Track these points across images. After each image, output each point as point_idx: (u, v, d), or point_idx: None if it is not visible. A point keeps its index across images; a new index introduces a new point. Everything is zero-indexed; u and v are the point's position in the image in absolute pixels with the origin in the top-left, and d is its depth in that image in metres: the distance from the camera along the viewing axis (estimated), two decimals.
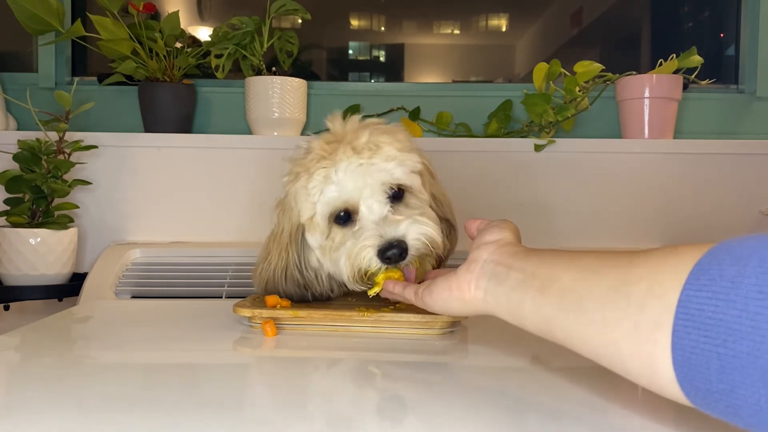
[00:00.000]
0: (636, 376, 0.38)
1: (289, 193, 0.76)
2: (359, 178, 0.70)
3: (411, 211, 0.73)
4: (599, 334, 0.40)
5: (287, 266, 0.77)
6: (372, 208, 0.71)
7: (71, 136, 1.17)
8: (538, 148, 1.31)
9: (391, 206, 0.72)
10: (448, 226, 0.81)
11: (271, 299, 0.74)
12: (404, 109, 1.48)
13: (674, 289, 0.36)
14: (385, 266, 0.69)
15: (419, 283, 0.65)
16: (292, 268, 0.77)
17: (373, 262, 0.69)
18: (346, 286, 0.76)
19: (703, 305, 0.34)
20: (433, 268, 0.76)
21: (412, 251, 0.69)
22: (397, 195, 0.73)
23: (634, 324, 0.37)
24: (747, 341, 0.31)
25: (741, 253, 0.34)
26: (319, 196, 0.71)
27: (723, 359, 0.32)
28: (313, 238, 0.75)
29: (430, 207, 0.77)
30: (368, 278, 0.71)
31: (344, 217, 0.73)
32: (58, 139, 1.13)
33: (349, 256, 0.70)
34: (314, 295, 0.78)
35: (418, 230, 0.69)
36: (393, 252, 0.68)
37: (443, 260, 0.81)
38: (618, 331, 0.38)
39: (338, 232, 0.73)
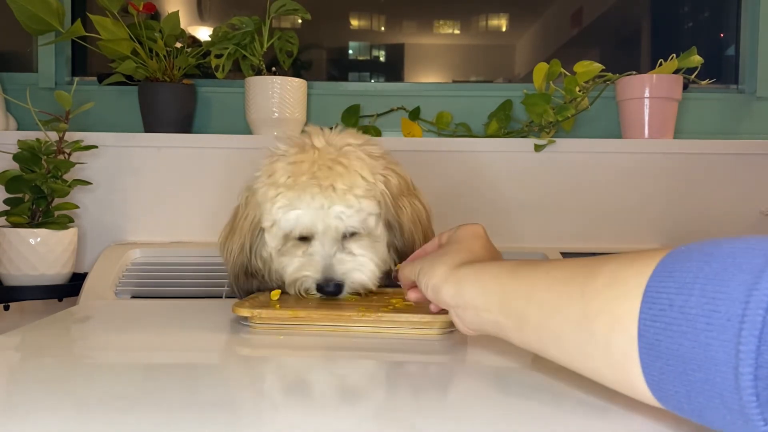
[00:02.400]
0: (626, 395, 0.41)
1: (259, 191, 0.81)
2: (317, 218, 0.77)
3: (360, 251, 0.79)
4: (583, 365, 0.43)
5: (242, 249, 0.84)
6: (324, 244, 0.78)
7: (71, 136, 1.17)
8: (538, 148, 1.31)
9: (344, 242, 0.79)
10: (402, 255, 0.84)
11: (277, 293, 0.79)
12: (404, 109, 1.48)
13: (632, 321, 0.37)
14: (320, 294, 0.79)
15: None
16: (246, 252, 0.84)
17: (311, 291, 0.79)
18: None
19: (659, 336, 0.35)
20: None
21: (346, 291, 0.79)
22: (351, 234, 0.79)
23: (606, 357, 0.39)
24: (702, 372, 0.33)
25: (684, 280, 0.35)
26: (280, 217, 0.78)
27: (687, 386, 0.34)
28: (270, 239, 0.82)
29: (388, 240, 0.83)
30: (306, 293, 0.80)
31: (300, 236, 0.79)
32: (58, 139, 1.13)
33: (292, 274, 0.80)
34: (258, 286, 0.85)
35: (355, 276, 0.78)
36: (329, 290, 0.78)
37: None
38: (596, 362, 0.41)
39: (293, 242, 0.80)
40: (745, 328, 0.31)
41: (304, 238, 0.79)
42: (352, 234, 0.79)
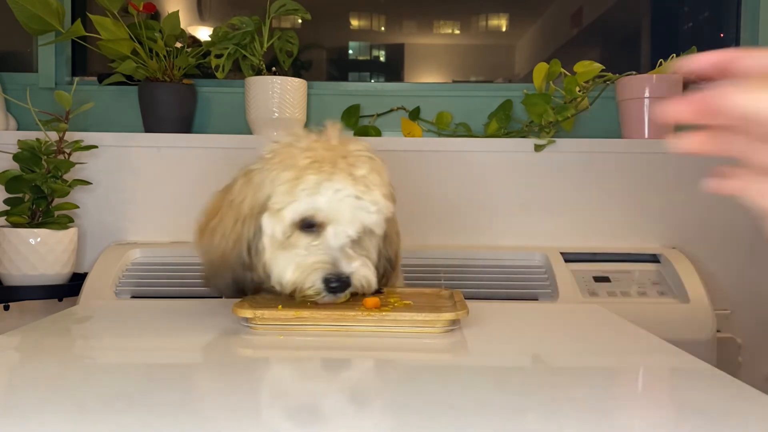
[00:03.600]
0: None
1: (266, 171, 0.75)
2: (347, 209, 0.73)
3: (363, 251, 0.76)
4: None
5: (239, 239, 0.76)
6: (340, 236, 0.73)
7: (71, 136, 1.17)
8: (538, 148, 1.31)
9: (352, 240, 0.75)
10: (388, 263, 0.82)
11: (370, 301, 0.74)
12: (404, 109, 1.48)
13: None
14: (324, 293, 0.72)
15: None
16: (242, 244, 0.76)
17: (317, 285, 0.72)
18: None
19: None
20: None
21: (351, 288, 0.73)
22: (362, 231, 0.75)
23: None
24: None
25: None
26: (303, 199, 0.72)
27: None
28: (270, 225, 0.75)
29: (378, 247, 0.79)
30: (300, 293, 0.73)
31: (308, 224, 0.74)
32: (58, 139, 1.13)
33: (299, 267, 0.73)
34: (251, 284, 0.78)
35: (363, 273, 0.74)
36: (337, 285, 0.72)
37: (381, 292, 0.83)
38: None
39: (297, 233, 0.74)
40: None
41: (311, 228, 0.74)
42: (361, 233, 0.75)
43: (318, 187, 0.72)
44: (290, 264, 0.73)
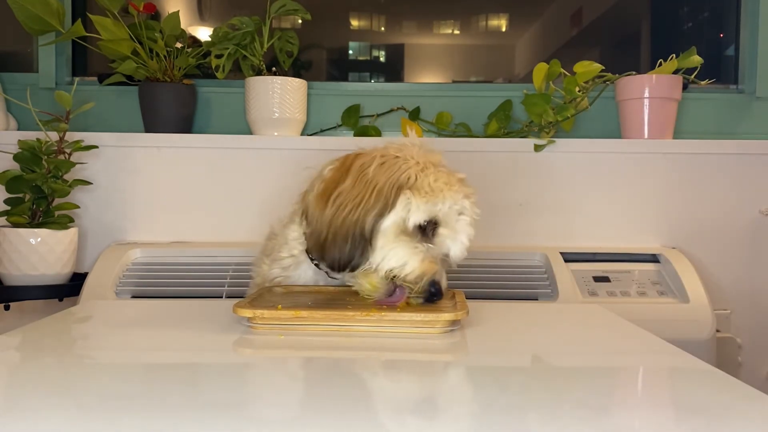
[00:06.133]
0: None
1: (408, 160, 0.78)
2: (464, 232, 0.79)
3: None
4: None
5: (369, 212, 0.75)
6: (447, 248, 0.78)
7: (71, 136, 1.17)
8: (538, 148, 1.31)
9: None
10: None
11: None
12: (404, 109, 1.48)
13: None
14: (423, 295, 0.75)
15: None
16: (371, 218, 0.75)
17: (424, 285, 0.75)
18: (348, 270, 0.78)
19: None
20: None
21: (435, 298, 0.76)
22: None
23: None
24: None
25: None
26: (448, 202, 0.77)
27: None
28: (407, 208, 0.76)
29: None
30: (389, 283, 0.76)
31: (426, 228, 0.77)
32: (58, 139, 1.13)
33: (424, 262, 0.75)
34: (360, 259, 0.77)
35: (446, 286, 0.79)
36: (435, 292, 0.75)
37: None
38: None
39: (415, 228, 0.77)
40: None
41: (425, 231, 0.77)
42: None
43: (458, 200, 0.78)
44: (415, 256, 0.76)
